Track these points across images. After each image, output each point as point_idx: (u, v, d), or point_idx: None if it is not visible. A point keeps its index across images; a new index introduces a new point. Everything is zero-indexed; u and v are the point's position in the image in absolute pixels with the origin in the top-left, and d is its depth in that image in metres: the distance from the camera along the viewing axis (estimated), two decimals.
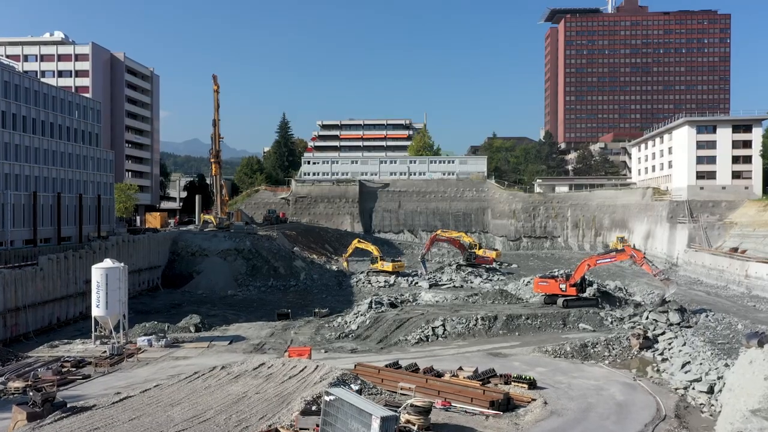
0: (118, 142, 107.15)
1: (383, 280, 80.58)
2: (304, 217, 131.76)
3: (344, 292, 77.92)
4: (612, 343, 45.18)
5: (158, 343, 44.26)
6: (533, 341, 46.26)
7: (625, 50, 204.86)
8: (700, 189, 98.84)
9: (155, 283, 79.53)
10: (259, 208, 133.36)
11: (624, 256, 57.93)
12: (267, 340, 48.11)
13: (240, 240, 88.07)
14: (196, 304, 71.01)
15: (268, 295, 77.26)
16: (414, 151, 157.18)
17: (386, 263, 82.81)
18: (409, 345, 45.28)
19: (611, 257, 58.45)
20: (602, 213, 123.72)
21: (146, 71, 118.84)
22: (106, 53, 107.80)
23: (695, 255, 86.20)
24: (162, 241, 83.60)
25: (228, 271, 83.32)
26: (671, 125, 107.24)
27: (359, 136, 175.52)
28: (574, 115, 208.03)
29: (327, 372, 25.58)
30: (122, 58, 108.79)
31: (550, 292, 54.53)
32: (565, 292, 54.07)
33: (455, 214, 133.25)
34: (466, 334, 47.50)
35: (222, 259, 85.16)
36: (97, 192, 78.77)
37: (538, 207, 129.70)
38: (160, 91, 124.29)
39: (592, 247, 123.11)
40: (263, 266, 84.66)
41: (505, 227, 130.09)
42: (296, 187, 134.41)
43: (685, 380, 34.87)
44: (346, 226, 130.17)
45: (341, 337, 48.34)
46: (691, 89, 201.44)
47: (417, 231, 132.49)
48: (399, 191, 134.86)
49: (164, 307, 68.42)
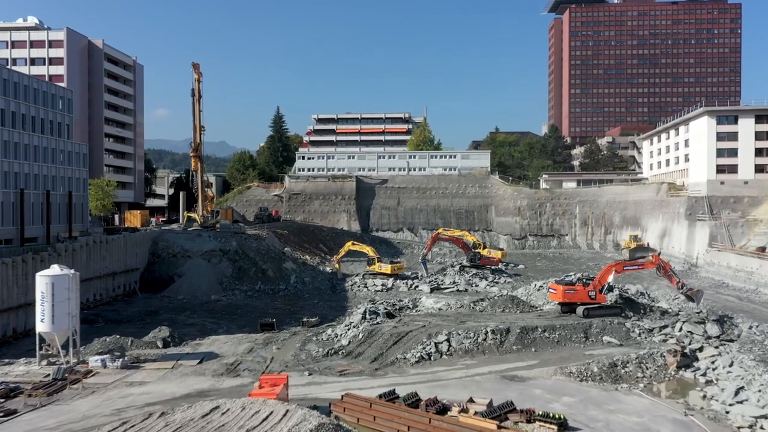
0: (96, 135, 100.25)
1: (380, 284, 74.03)
2: (298, 215, 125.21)
3: (338, 297, 71.39)
4: (645, 362, 38.67)
5: (114, 364, 37.68)
6: (553, 359, 39.70)
7: (632, 41, 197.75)
8: (721, 184, 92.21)
9: (132, 287, 73.04)
10: (251, 206, 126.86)
11: (651, 265, 51.50)
12: (244, 357, 41.52)
13: (226, 240, 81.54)
14: (174, 311, 64.64)
15: (255, 301, 70.79)
16: (414, 145, 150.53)
17: (384, 265, 76.26)
18: (408, 365, 38.70)
19: (638, 264, 51.78)
20: (612, 210, 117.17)
21: (128, 60, 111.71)
22: (83, 40, 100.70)
23: (718, 255, 79.63)
24: (140, 242, 77.04)
25: (212, 273, 76.79)
26: (688, 116, 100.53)
27: (356, 130, 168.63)
28: (579, 109, 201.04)
29: (298, 422, 19.01)
30: (101, 45, 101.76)
31: (572, 301, 47.83)
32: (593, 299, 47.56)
33: (457, 212, 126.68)
34: (474, 350, 40.91)
35: (206, 260, 78.65)
36: (68, 188, 72.10)
37: (544, 204, 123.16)
38: (144, 82, 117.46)
39: (602, 245, 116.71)
40: (250, 268, 78.14)
41: (509, 225, 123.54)
42: (290, 183, 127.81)
43: (749, 415, 28.32)
44: (342, 225, 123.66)
45: (330, 355, 41.74)
46: (701, 81, 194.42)
47: (417, 229, 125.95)
48: (398, 188, 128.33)
49: (138, 315, 61.96)
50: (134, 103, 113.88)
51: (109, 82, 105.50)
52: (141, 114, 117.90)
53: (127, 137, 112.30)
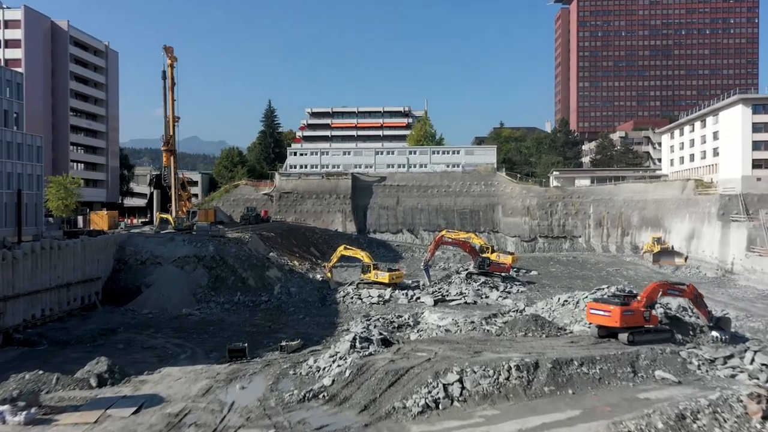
0: (60, 128, 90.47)
1: (377, 295, 64.70)
2: (289, 215, 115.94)
3: (327, 310, 62.06)
4: (720, 410, 29.14)
5: (15, 418, 28.28)
6: (599, 407, 30.22)
7: (644, 32, 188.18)
8: (757, 180, 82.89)
9: (92, 299, 63.72)
10: (239, 206, 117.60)
11: (688, 295, 42.15)
12: (195, 403, 32.07)
13: (202, 245, 72.23)
14: (136, 329, 55.57)
15: (232, 315, 61.54)
16: (414, 140, 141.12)
17: (381, 273, 66.88)
18: (408, 417, 29.27)
19: (679, 290, 42.06)
20: (630, 209, 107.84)
21: (99, 45, 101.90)
22: (46, 21, 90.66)
23: (760, 261, 70.19)
24: (103, 247, 67.79)
25: (185, 283, 67.48)
26: (718, 105, 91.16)
27: (353, 124, 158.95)
28: (588, 103, 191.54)
29: None
30: (66, 27, 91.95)
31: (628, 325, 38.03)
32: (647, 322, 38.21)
33: (461, 212, 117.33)
34: (495, 394, 31.44)
35: (178, 268, 69.36)
36: (18, 186, 62.70)
37: (555, 203, 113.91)
38: (119, 71, 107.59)
39: (619, 248, 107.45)
40: (228, 277, 68.81)
41: (518, 226, 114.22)
42: (280, 181, 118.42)
43: None
44: (336, 226, 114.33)
45: (307, 399, 32.28)
46: (716, 74, 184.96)
47: (418, 231, 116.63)
48: (397, 186, 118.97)
49: (91, 335, 52.81)
50: (107, 93, 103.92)
51: (76, 68, 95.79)
52: (115, 105, 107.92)
53: (99, 130, 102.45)
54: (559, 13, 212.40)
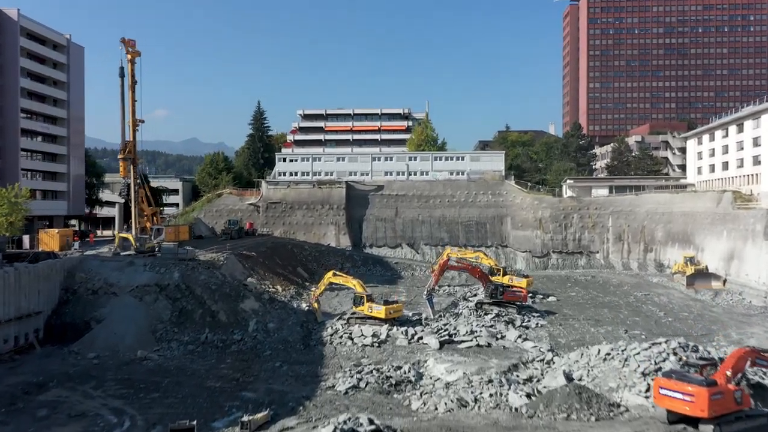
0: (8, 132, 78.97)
1: (371, 334, 54.00)
2: (277, 227, 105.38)
3: (310, 355, 51.35)
4: None
5: None
6: None
7: (658, 29, 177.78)
8: None
9: (30, 339, 53.02)
10: (222, 217, 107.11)
11: None
12: None
13: (166, 270, 61.52)
14: (74, 381, 45.02)
15: (195, 361, 50.89)
16: (414, 145, 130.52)
17: (376, 306, 56.23)
18: None
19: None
20: (654, 222, 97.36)
21: (59, 39, 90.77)
22: None
23: None
24: (48, 274, 57.12)
25: (143, 318, 56.66)
26: (760, 108, 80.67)
27: (348, 128, 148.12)
28: (598, 105, 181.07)
29: None
30: (15, 16, 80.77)
31: (719, 413, 27.38)
32: (739, 405, 27.63)
33: (466, 224, 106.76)
34: None
35: (136, 299, 58.60)
36: None
37: (570, 215, 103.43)
38: (85, 68, 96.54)
39: (641, 265, 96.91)
40: (195, 311, 57.98)
41: (528, 240, 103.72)
42: (267, 190, 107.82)
43: None
44: (329, 240, 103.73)
45: None
46: (735, 74, 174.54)
47: (418, 245, 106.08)
48: (396, 195, 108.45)
49: (10, 395, 42.16)
50: (68, 93, 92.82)
51: (30, 64, 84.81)
52: (80, 106, 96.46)
53: (60, 135, 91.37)
54: (567, 10, 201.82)
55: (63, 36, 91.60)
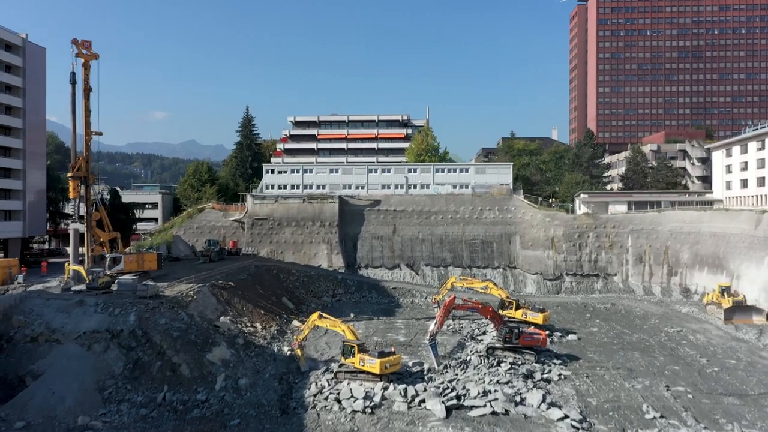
0: None
1: (362, 396, 44.46)
2: (264, 246, 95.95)
3: (287, 426, 41.81)
4: None
5: None
6: None
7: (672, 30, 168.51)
8: None
9: None
10: (204, 234, 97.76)
11: None
12: None
13: (121, 312, 52.15)
14: None
15: (149, 429, 41.56)
16: (414, 154, 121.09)
17: (369, 359, 46.74)
18: None
19: None
20: (679, 243, 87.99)
21: (14, 39, 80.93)
22: None
23: None
24: None
25: (89, 371, 47.43)
26: None
27: (343, 135, 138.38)
28: (608, 111, 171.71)
29: None
30: None
31: None
32: None
33: (471, 243, 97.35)
34: None
35: (84, 348, 49.42)
36: None
37: (585, 233, 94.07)
38: (46, 72, 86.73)
39: (665, 290, 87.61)
40: (153, 363, 48.60)
41: (539, 261, 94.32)
42: (253, 205, 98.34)
43: None
44: (320, 260, 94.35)
45: None
46: (753, 78, 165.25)
47: (418, 266, 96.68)
48: (394, 211, 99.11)
49: None
50: (24, 100, 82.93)
51: None
52: (40, 113, 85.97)
53: (14, 147, 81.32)
54: (575, 11, 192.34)
55: (18, 36, 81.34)
